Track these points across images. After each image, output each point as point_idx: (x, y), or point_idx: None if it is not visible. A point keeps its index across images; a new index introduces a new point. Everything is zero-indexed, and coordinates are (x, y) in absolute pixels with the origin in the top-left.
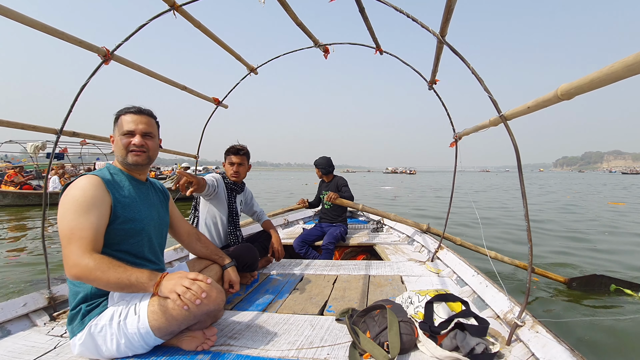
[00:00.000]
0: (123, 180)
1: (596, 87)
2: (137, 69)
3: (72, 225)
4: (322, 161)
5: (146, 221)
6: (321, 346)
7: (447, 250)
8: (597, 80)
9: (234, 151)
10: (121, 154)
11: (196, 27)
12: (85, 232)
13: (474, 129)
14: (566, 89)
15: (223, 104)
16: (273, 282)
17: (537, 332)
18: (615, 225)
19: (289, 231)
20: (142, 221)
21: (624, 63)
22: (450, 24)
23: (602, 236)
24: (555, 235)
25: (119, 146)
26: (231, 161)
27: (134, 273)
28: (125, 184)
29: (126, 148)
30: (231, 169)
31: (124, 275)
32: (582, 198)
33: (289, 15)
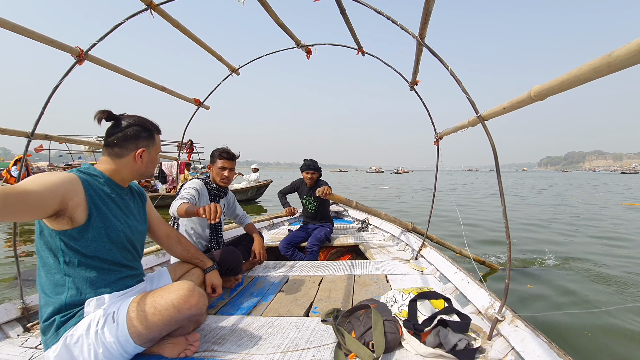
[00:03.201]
0: (103, 183)
1: (567, 88)
2: (113, 70)
3: (23, 183)
4: (313, 163)
5: (123, 227)
6: (306, 348)
7: (431, 249)
8: (567, 82)
9: (229, 156)
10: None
11: (175, 26)
12: (24, 188)
13: (453, 129)
14: (538, 90)
15: (204, 105)
16: (258, 284)
17: (517, 327)
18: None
19: (274, 233)
20: (118, 227)
21: (591, 66)
22: (429, 27)
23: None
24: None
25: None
26: (223, 166)
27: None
28: (104, 188)
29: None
30: (222, 174)
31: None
32: (589, 199)
33: (270, 16)
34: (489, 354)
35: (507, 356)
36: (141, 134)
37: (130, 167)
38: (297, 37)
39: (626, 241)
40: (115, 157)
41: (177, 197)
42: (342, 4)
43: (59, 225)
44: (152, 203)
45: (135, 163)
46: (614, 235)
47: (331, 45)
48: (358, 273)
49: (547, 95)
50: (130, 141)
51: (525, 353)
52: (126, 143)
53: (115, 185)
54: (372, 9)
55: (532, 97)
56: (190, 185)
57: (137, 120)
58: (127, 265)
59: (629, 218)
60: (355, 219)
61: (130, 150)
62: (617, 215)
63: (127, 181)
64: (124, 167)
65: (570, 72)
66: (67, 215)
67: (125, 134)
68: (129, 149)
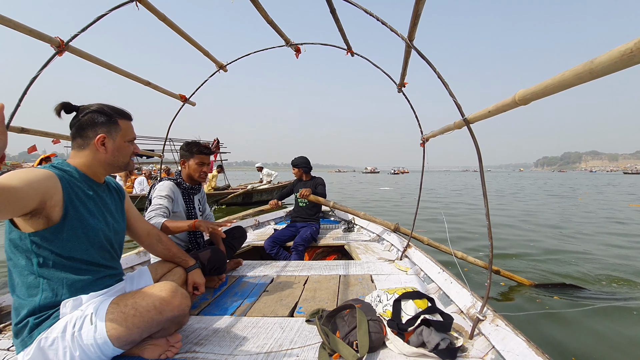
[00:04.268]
0: (79, 180)
1: (550, 93)
2: (96, 62)
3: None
4: (302, 160)
5: (101, 226)
6: (290, 348)
7: (415, 249)
8: (550, 87)
9: (209, 152)
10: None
11: (161, 20)
12: (9, 184)
13: (440, 131)
14: (523, 94)
15: (190, 102)
16: (242, 284)
17: (497, 326)
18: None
19: (259, 232)
20: (96, 226)
21: (574, 71)
22: (418, 29)
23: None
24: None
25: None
26: (203, 162)
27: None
28: (80, 185)
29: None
30: (201, 170)
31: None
32: (597, 200)
33: (260, 13)
34: (470, 352)
35: (487, 355)
36: (97, 119)
37: (95, 157)
38: (287, 36)
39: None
40: (80, 149)
41: (148, 209)
42: (332, 3)
43: (33, 225)
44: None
45: (98, 152)
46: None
47: (320, 44)
48: (343, 273)
49: (531, 100)
50: (88, 128)
51: (505, 352)
52: (84, 131)
53: (90, 182)
54: (362, 10)
55: (517, 101)
56: (161, 194)
57: (95, 107)
58: (105, 265)
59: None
60: (341, 219)
61: (90, 139)
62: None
63: (101, 176)
64: (90, 158)
65: (554, 78)
66: (43, 215)
67: (81, 122)
68: (88, 137)
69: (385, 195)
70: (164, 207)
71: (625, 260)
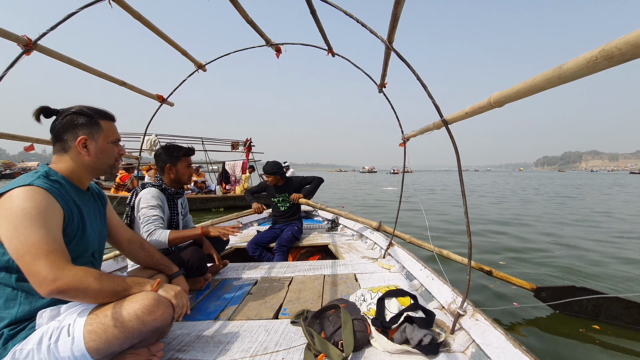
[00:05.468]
0: (68, 190)
1: (523, 97)
2: (67, 61)
3: (33, 240)
4: (275, 166)
5: (91, 238)
6: (276, 351)
7: (398, 247)
8: (522, 91)
9: (192, 152)
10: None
11: (136, 18)
12: (52, 244)
13: (419, 131)
14: (497, 97)
15: (168, 102)
16: (225, 288)
17: (477, 320)
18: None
19: (242, 233)
20: (87, 238)
21: (544, 76)
22: (403, 29)
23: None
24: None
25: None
26: (189, 163)
27: (123, 277)
28: (71, 195)
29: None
30: (189, 173)
31: (116, 280)
32: (606, 201)
33: (239, 13)
34: (452, 347)
35: (468, 348)
36: (77, 120)
37: (78, 161)
38: (267, 36)
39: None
40: (61, 153)
41: (143, 222)
42: (312, 4)
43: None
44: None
45: (81, 155)
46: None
47: (301, 44)
48: (328, 273)
49: (505, 102)
50: (68, 131)
51: (484, 345)
52: (64, 134)
53: (76, 189)
54: (343, 12)
55: (492, 103)
56: (151, 203)
57: (75, 109)
58: None
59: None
60: (324, 219)
61: (70, 142)
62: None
63: (85, 181)
64: (74, 163)
65: (526, 82)
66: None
67: (60, 125)
68: (69, 140)
69: (390, 196)
70: (160, 217)
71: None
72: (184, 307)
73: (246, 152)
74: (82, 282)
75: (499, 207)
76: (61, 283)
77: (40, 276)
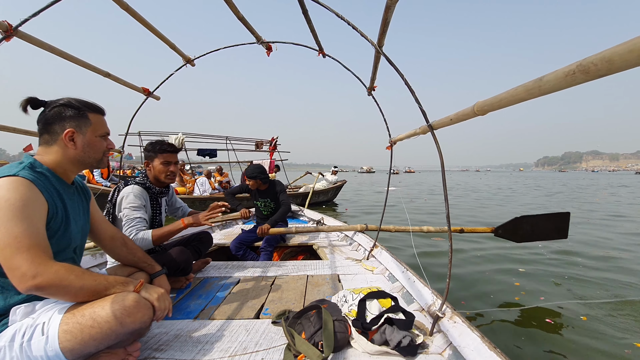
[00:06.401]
0: (53, 182)
1: (505, 106)
2: (48, 49)
3: (15, 233)
4: (258, 170)
5: (74, 233)
6: (255, 351)
7: (382, 249)
8: (504, 100)
9: (173, 149)
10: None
11: (123, 9)
12: (35, 238)
13: (406, 135)
14: (480, 105)
15: (154, 95)
16: (207, 286)
17: (455, 322)
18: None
19: (226, 232)
20: (70, 233)
21: (525, 87)
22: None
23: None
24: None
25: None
26: (167, 160)
27: (106, 276)
28: (55, 188)
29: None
30: (167, 170)
31: (99, 278)
32: (616, 202)
33: (230, 9)
34: (430, 349)
35: (445, 350)
36: (64, 113)
37: (64, 154)
38: (258, 33)
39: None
40: (47, 145)
41: (124, 223)
42: (304, 4)
43: None
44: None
45: (67, 148)
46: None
47: (292, 44)
48: (311, 273)
49: (488, 111)
50: (55, 123)
51: (461, 347)
52: (51, 126)
53: (61, 182)
54: (334, 13)
55: (475, 111)
56: (133, 204)
57: (63, 101)
58: None
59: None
60: (310, 219)
61: (57, 134)
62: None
63: (71, 174)
64: (60, 155)
65: (508, 91)
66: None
67: (47, 117)
68: (56, 133)
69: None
70: (142, 218)
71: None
72: (165, 310)
73: (271, 151)
74: (63, 280)
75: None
76: (42, 279)
77: (20, 271)
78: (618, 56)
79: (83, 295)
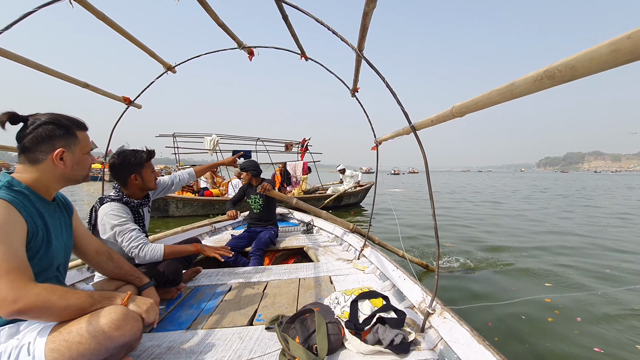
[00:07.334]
0: (33, 201)
1: (481, 108)
2: (22, 62)
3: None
4: (251, 164)
5: (56, 251)
6: (250, 358)
7: (372, 248)
8: (480, 102)
9: (153, 155)
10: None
11: (100, 19)
12: (14, 261)
13: (390, 135)
14: (458, 108)
15: (136, 104)
16: (198, 295)
17: (445, 318)
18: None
19: (216, 238)
20: (52, 252)
21: (498, 91)
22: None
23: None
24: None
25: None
26: (152, 168)
27: (90, 292)
28: (35, 206)
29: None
30: (156, 176)
31: (83, 295)
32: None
33: (209, 15)
34: (421, 345)
35: (437, 346)
36: (55, 133)
37: (51, 173)
38: (239, 38)
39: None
40: (32, 164)
41: (124, 239)
42: (284, 10)
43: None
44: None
45: (56, 167)
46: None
47: (274, 48)
48: (303, 276)
49: (465, 113)
50: (44, 142)
51: (452, 342)
52: (39, 145)
53: (41, 200)
54: (314, 19)
55: (454, 113)
56: (120, 220)
57: (49, 118)
58: None
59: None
60: (300, 221)
61: (46, 153)
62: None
63: (53, 191)
64: (44, 174)
65: (483, 94)
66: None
67: (35, 136)
68: (44, 152)
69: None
70: (138, 230)
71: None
72: (154, 322)
73: (302, 152)
74: (45, 302)
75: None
76: (23, 304)
77: (0, 297)
78: (580, 63)
79: (68, 315)
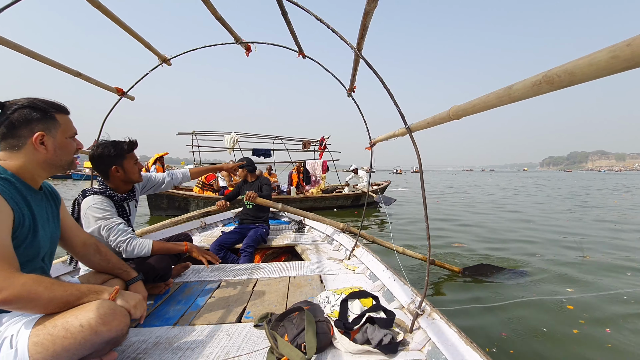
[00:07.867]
0: (19, 189)
1: (478, 111)
2: (13, 48)
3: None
4: (248, 161)
5: (42, 241)
6: (237, 356)
7: (363, 248)
8: (478, 106)
9: (135, 146)
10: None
11: (95, 7)
12: (1, 250)
13: (386, 136)
14: (455, 110)
15: (129, 95)
16: (186, 291)
17: (434, 319)
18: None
19: (206, 234)
20: (38, 242)
21: (496, 94)
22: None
23: None
24: None
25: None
26: (135, 159)
27: (78, 285)
28: (22, 194)
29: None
30: (139, 168)
31: (70, 288)
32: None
33: (208, 8)
34: (410, 345)
35: (425, 346)
36: (32, 116)
37: (34, 158)
38: (237, 33)
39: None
40: (13, 150)
41: (111, 233)
42: (283, 5)
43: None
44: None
45: (37, 152)
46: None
47: (272, 45)
48: (293, 274)
49: (462, 115)
50: (21, 127)
51: (439, 343)
52: (17, 130)
53: (28, 189)
54: (313, 16)
55: (451, 115)
56: (105, 214)
57: (26, 102)
58: None
59: None
60: (291, 220)
61: (25, 138)
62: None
63: (39, 179)
64: (28, 160)
65: (480, 98)
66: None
67: (11, 121)
68: (23, 137)
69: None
70: (124, 223)
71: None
72: (142, 318)
73: (320, 151)
74: (31, 292)
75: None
76: (8, 293)
77: None
78: (579, 69)
79: (53, 307)
